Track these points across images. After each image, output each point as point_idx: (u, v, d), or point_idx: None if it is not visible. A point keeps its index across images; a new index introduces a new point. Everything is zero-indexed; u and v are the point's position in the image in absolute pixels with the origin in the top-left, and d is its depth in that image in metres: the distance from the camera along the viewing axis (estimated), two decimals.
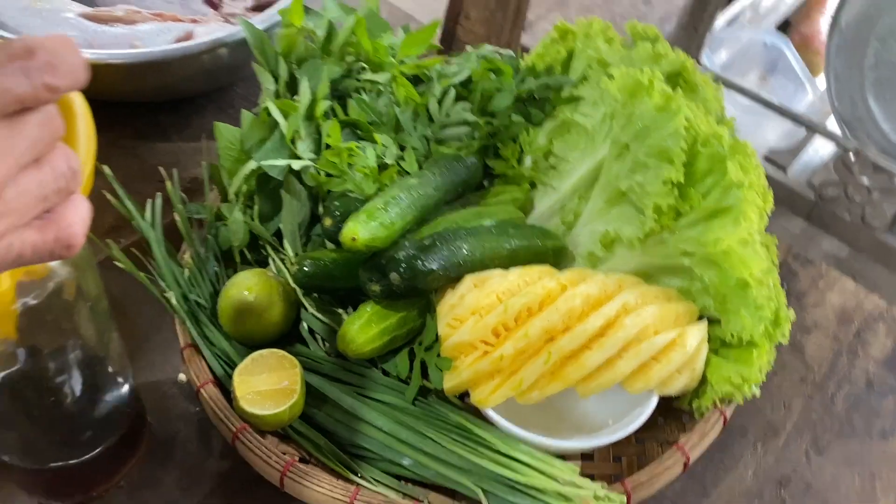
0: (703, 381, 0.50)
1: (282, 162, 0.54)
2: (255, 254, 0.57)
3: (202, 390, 0.48)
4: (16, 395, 0.41)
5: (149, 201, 0.55)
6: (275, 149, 0.55)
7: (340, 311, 0.54)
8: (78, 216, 0.29)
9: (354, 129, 0.57)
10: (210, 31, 0.70)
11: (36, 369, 0.40)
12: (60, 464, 0.46)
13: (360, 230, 0.47)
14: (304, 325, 0.54)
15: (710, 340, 0.50)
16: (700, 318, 0.51)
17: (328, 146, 0.55)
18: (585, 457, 0.51)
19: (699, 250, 0.49)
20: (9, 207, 0.27)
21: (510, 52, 0.65)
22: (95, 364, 0.42)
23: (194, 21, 0.73)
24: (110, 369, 0.44)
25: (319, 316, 0.53)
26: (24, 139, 0.28)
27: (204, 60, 0.69)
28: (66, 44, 0.28)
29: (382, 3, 0.68)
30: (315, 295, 0.54)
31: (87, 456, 0.46)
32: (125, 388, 0.46)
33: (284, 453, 0.47)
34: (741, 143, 0.51)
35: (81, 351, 0.40)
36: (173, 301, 0.51)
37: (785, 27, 1.14)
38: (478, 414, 0.48)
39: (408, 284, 0.48)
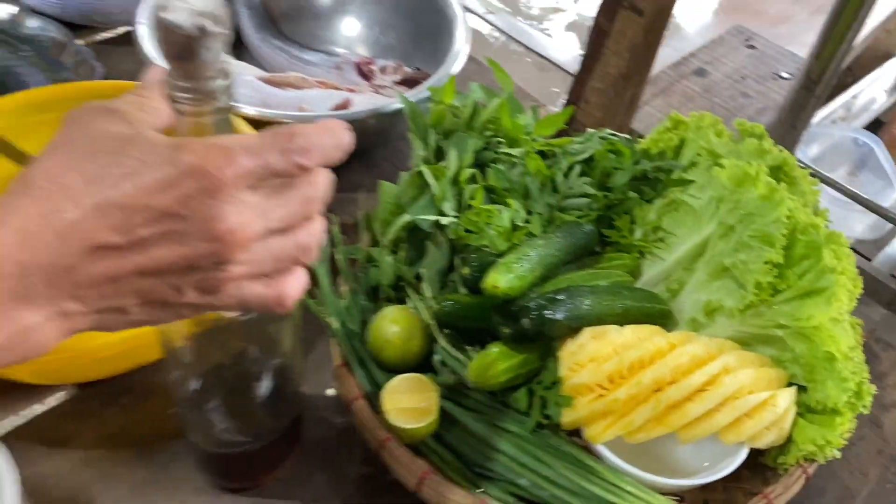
0: (789, 440, 0.55)
1: (431, 217, 0.63)
2: (397, 292, 0.66)
3: (354, 403, 0.57)
4: (219, 384, 0.50)
5: None
6: (425, 206, 0.64)
7: (468, 347, 0.62)
8: (298, 284, 0.37)
9: (491, 194, 0.66)
10: (365, 100, 0.81)
11: (241, 366, 0.48)
12: (234, 451, 0.54)
13: (501, 280, 0.55)
14: (437, 356, 0.62)
15: (797, 405, 0.56)
16: (789, 384, 0.57)
17: (470, 206, 0.64)
18: (678, 497, 0.57)
19: (793, 324, 0.55)
20: (251, 259, 0.34)
21: (626, 136, 0.73)
22: (284, 370, 0.51)
23: (351, 90, 0.84)
24: (292, 375, 0.52)
25: (451, 350, 0.61)
26: (281, 209, 0.35)
27: (358, 125, 0.79)
28: (324, 130, 0.36)
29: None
30: (447, 331, 0.62)
31: (257, 447, 0.54)
32: (297, 393, 0.55)
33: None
34: (836, 233, 0.57)
35: (279, 357, 0.49)
36: (334, 325, 0.60)
37: (875, 126, 1.19)
38: (586, 448, 0.55)
39: (535, 330, 0.55)
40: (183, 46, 0.33)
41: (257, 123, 0.70)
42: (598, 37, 0.77)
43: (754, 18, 1.50)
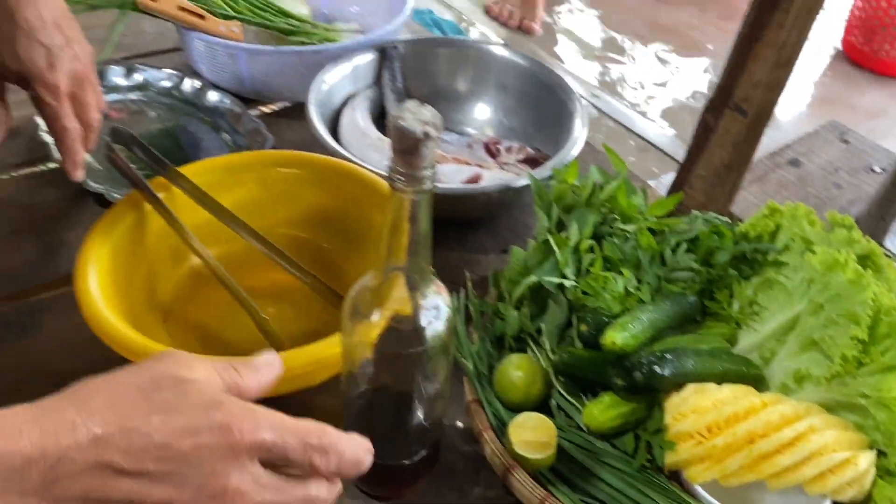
0: (869, 497, 0.62)
1: (555, 279, 0.73)
2: (519, 342, 0.75)
3: (484, 434, 0.66)
4: (384, 406, 0.60)
5: (453, 294, 0.75)
6: (550, 269, 0.74)
7: (581, 394, 0.71)
8: None
9: (607, 263, 0.76)
10: (493, 175, 0.92)
11: (405, 391, 0.59)
12: (386, 463, 0.64)
13: (618, 337, 0.65)
14: (553, 401, 0.71)
15: (876, 467, 0.62)
16: (870, 447, 0.63)
17: (588, 272, 0.74)
18: None
19: (875, 395, 0.62)
20: None
21: (727, 219, 0.82)
22: (437, 397, 0.61)
23: (480, 166, 0.95)
24: (441, 405, 0.63)
25: (566, 396, 0.70)
26: (279, 495, 0.38)
27: (486, 196, 0.90)
28: (351, 444, 0.41)
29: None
30: (562, 379, 0.72)
31: (404, 463, 0.64)
32: (441, 421, 0.65)
33: None
34: None
35: (435, 388, 0.59)
36: (468, 366, 0.70)
37: None
38: (685, 488, 0.63)
39: (645, 383, 0.64)
40: (410, 145, 0.44)
41: None
42: (704, 131, 0.86)
43: (849, 112, 1.56)
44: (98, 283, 0.68)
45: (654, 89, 1.68)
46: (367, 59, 1.07)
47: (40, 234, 0.87)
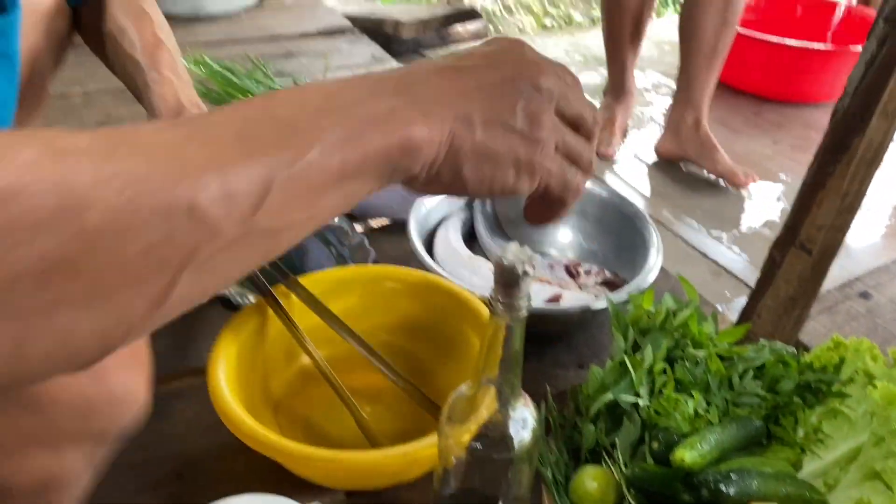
0: None
1: (630, 398, 0.79)
2: (594, 455, 0.81)
3: None
4: (470, 502, 0.66)
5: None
6: (625, 388, 0.80)
7: None
8: (581, 179, 0.53)
9: (678, 385, 0.81)
10: (573, 296, 1.00)
11: (490, 492, 0.65)
12: None
13: (687, 455, 0.70)
14: None
15: None
16: None
17: (661, 393, 0.79)
18: None
19: None
20: (556, 133, 0.49)
21: (793, 349, 0.87)
22: (519, 500, 0.67)
23: (560, 286, 1.03)
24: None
25: None
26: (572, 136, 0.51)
27: (567, 317, 0.98)
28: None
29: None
30: (633, 492, 0.76)
31: None
32: None
33: None
34: None
35: (518, 490, 0.65)
36: (546, 474, 0.76)
37: None
38: None
39: (711, 501, 0.68)
40: (511, 279, 0.53)
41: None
42: (771, 266, 0.92)
43: None
44: (226, 377, 0.77)
45: (730, 216, 1.74)
46: None
47: (173, 330, 0.98)
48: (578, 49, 2.80)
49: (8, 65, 0.68)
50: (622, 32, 1.91)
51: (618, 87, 2.00)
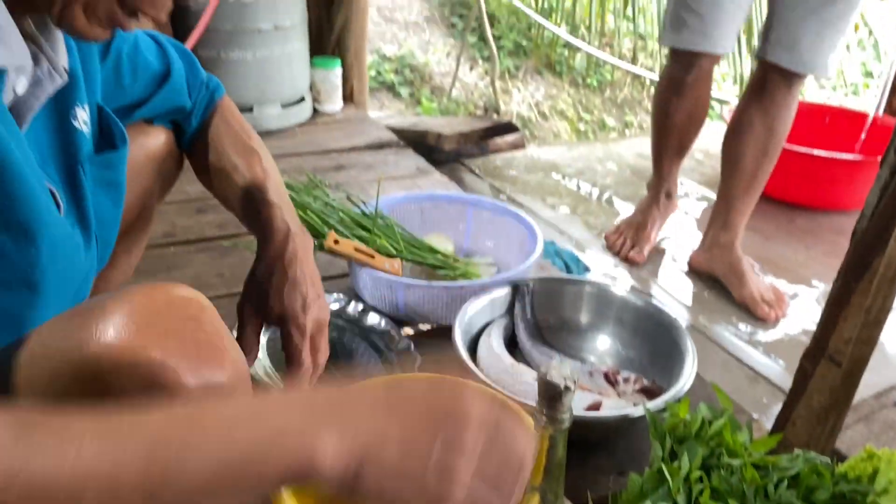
0: None
1: None
2: None
3: None
4: None
5: None
6: (663, 496, 0.83)
7: None
8: None
9: (714, 493, 0.84)
10: (612, 404, 1.04)
11: None
12: None
13: None
14: None
15: None
16: None
17: (697, 501, 0.82)
18: None
19: None
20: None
21: (827, 459, 0.89)
22: None
23: (600, 393, 1.07)
24: None
25: None
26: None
27: (606, 425, 1.01)
28: None
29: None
30: None
31: None
32: None
33: None
34: None
35: None
36: None
37: None
38: None
39: None
40: (554, 394, 0.58)
41: None
42: (802, 377, 0.96)
43: None
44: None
45: (763, 323, 1.77)
46: (502, 293, 1.24)
47: None
48: (611, 156, 2.91)
49: (116, 192, 0.78)
50: (668, 144, 1.98)
51: (659, 193, 2.07)
